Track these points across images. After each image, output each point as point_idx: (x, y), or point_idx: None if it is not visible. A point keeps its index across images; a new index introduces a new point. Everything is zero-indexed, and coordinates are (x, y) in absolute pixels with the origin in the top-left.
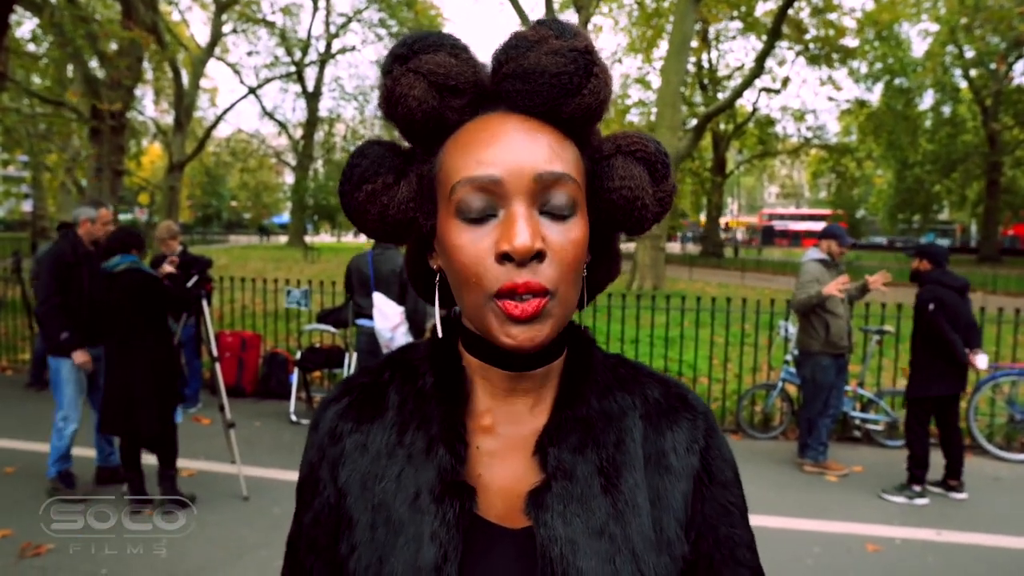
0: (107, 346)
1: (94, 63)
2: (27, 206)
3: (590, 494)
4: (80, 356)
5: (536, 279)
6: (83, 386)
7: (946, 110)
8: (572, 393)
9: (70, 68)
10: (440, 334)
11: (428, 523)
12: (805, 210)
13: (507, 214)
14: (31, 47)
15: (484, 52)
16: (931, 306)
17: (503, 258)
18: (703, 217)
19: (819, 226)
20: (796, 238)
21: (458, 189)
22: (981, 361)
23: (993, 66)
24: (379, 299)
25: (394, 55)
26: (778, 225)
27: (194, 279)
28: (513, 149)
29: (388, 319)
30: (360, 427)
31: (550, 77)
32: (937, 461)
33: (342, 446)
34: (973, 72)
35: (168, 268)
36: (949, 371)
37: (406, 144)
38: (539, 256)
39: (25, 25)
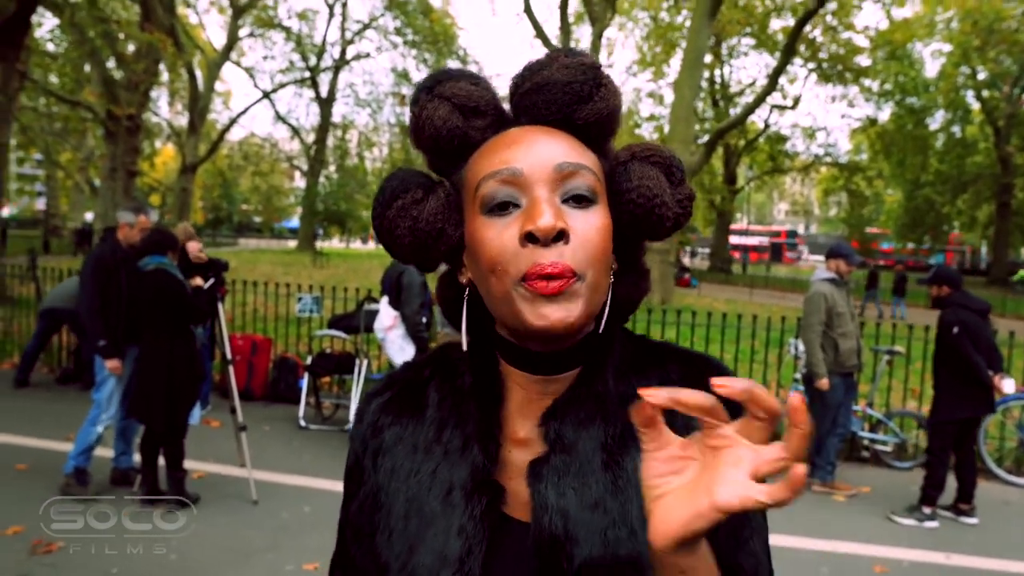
0: (140, 341)
1: (111, 63)
2: (40, 204)
3: (589, 468)
4: (112, 363)
5: (563, 260)
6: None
7: (957, 131)
8: (589, 371)
9: (87, 67)
10: (464, 347)
11: (457, 517)
12: (756, 226)
13: (530, 200)
14: (50, 46)
15: (502, 72)
16: (955, 329)
17: (527, 239)
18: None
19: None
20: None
21: (483, 185)
22: (1008, 385)
23: (1006, 88)
24: (383, 302)
25: (419, 87)
26: (735, 240)
27: (210, 281)
28: (534, 147)
29: (382, 320)
30: (400, 420)
31: (563, 86)
32: (949, 485)
33: (382, 438)
34: (985, 93)
35: (198, 281)
36: (972, 394)
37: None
38: (564, 237)
39: (44, 24)
